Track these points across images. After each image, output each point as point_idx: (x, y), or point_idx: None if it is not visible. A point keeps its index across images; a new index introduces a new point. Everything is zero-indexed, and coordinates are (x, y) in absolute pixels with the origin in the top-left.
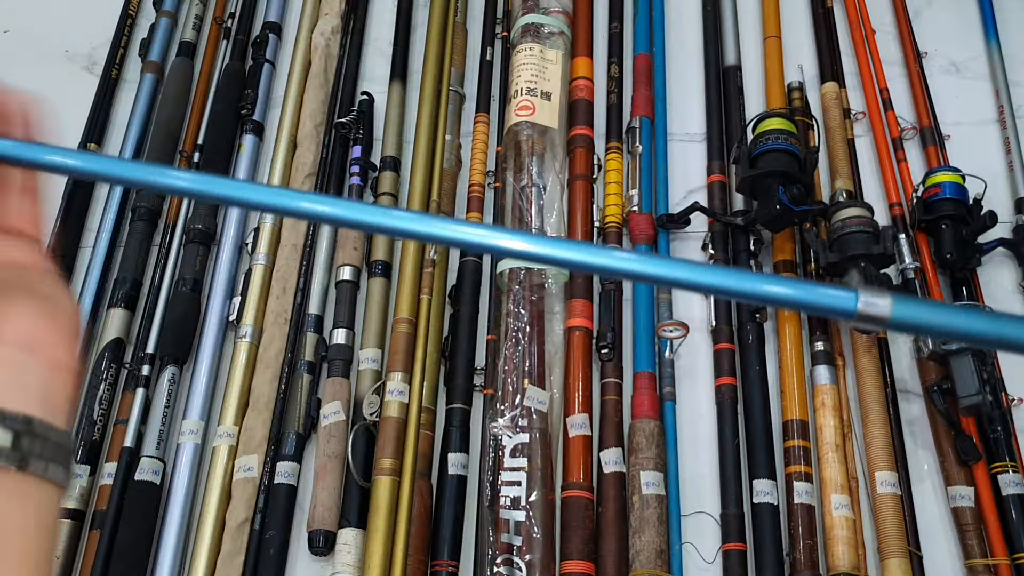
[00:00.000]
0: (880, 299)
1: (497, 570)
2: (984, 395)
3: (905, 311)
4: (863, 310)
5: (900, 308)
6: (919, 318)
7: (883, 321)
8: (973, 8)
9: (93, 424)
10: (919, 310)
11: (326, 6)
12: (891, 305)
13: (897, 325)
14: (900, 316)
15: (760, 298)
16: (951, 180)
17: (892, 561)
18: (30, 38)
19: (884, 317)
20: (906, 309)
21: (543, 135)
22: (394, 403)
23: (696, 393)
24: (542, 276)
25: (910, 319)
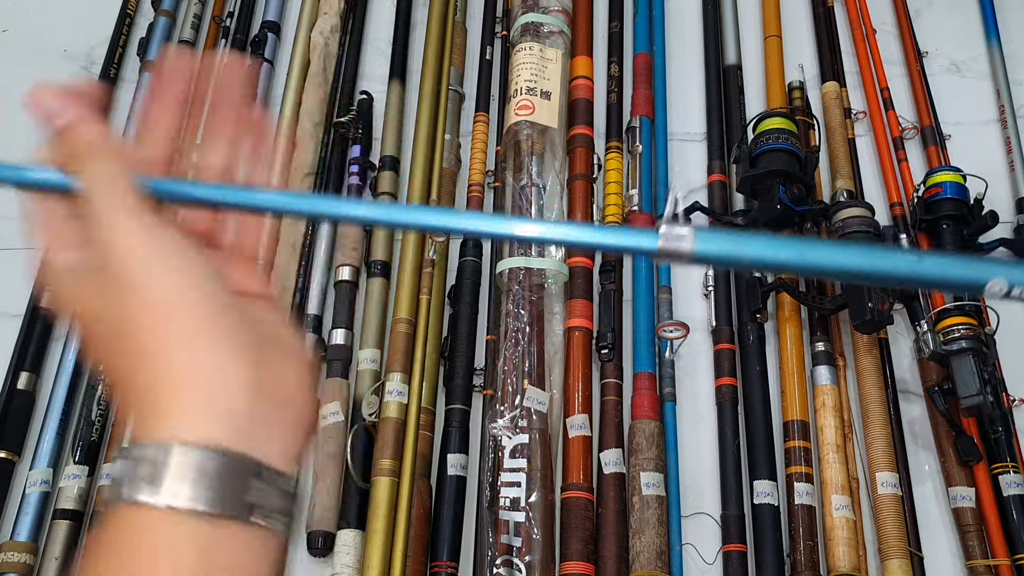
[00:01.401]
0: (682, 231)
1: (497, 571)
2: (985, 395)
3: (707, 244)
4: (664, 246)
5: (703, 241)
6: (721, 250)
7: (686, 256)
8: (974, 8)
9: (92, 424)
10: (721, 242)
11: (325, 5)
12: (693, 237)
13: (700, 259)
14: (703, 250)
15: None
16: (952, 180)
17: (893, 562)
18: (29, 37)
19: (687, 252)
20: (708, 242)
21: (543, 134)
22: (393, 404)
23: (696, 393)
24: (542, 276)
25: (712, 252)
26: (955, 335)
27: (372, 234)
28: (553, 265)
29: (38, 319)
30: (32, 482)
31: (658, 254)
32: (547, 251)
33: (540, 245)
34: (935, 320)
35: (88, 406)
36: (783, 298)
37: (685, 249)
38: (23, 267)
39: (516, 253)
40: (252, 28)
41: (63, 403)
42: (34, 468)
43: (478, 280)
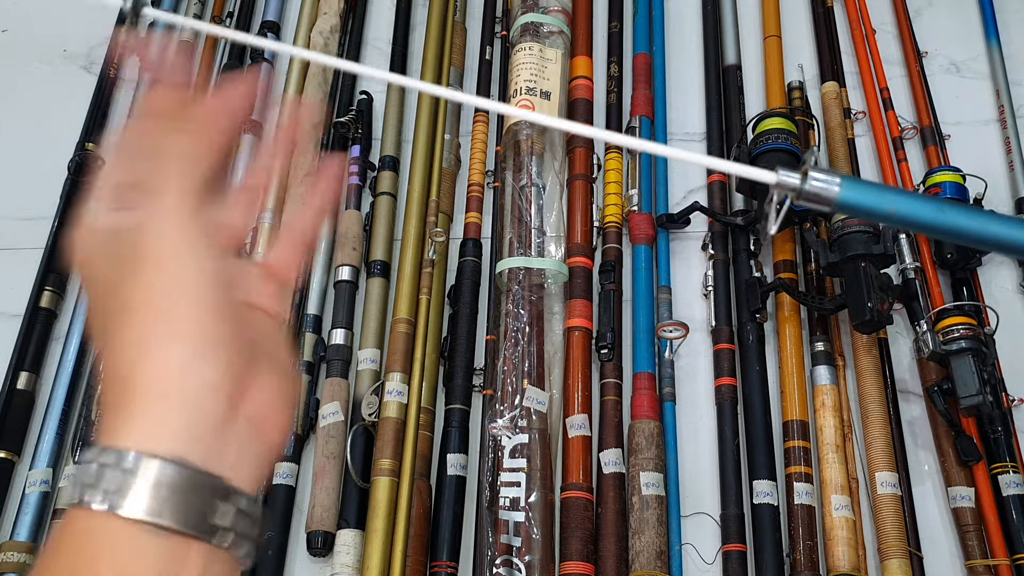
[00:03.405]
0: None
1: (496, 571)
2: (984, 395)
3: (852, 191)
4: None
5: (848, 188)
6: (863, 199)
7: (830, 200)
8: (973, 8)
9: (91, 424)
10: (865, 191)
11: (325, 5)
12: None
13: (841, 205)
14: (846, 196)
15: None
16: (951, 180)
17: (892, 562)
18: (28, 37)
19: (832, 196)
20: (853, 189)
21: (542, 134)
22: (393, 403)
23: (696, 393)
24: (541, 276)
25: (853, 200)
26: (955, 335)
27: (372, 234)
28: (553, 265)
29: (38, 319)
30: (32, 482)
31: (802, 194)
32: (547, 251)
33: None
34: (934, 320)
35: (88, 406)
36: (783, 298)
37: (831, 193)
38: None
39: (516, 253)
40: (252, 28)
41: (63, 403)
42: (34, 468)
43: (478, 280)
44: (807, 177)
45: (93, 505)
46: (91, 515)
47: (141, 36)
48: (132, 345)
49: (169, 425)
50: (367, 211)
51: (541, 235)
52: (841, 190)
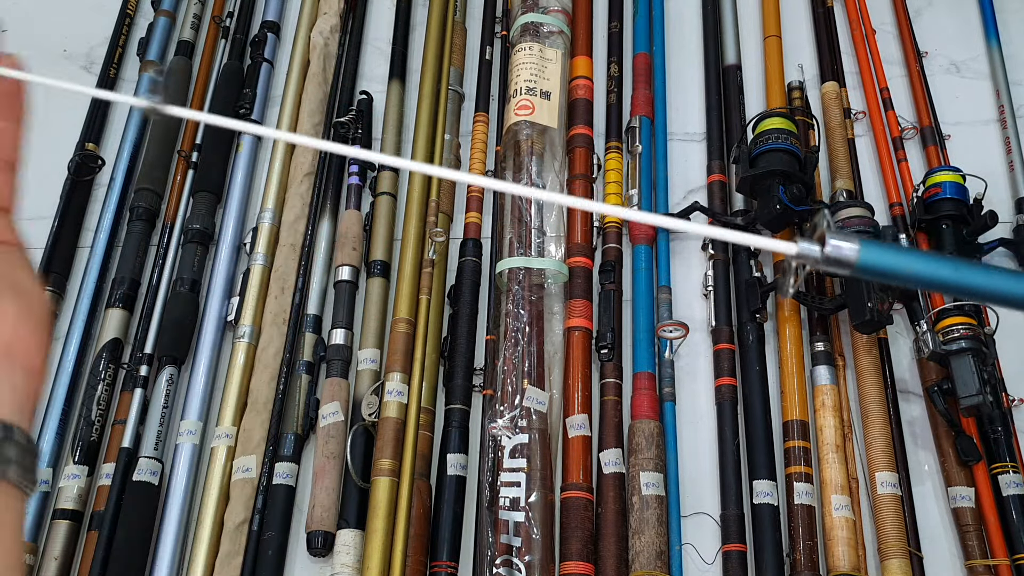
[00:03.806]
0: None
1: (496, 571)
2: (984, 395)
3: (871, 256)
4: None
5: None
6: (883, 262)
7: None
8: (973, 8)
9: (91, 424)
10: (884, 254)
11: (325, 5)
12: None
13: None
14: (866, 260)
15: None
16: (951, 180)
17: (892, 562)
18: (28, 37)
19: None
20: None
21: (542, 134)
22: (393, 403)
23: (696, 393)
24: (541, 276)
25: (875, 263)
26: (955, 335)
27: (372, 234)
28: (553, 265)
29: None
30: None
31: (821, 262)
32: (547, 251)
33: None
34: (935, 320)
35: (88, 406)
36: (782, 298)
37: (851, 257)
38: None
39: (516, 253)
40: (252, 28)
41: (63, 403)
42: None
43: (478, 280)
44: (825, 245)
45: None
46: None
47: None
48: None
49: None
50: (367, 211)
51: (541, 235)
52: (860, 256)
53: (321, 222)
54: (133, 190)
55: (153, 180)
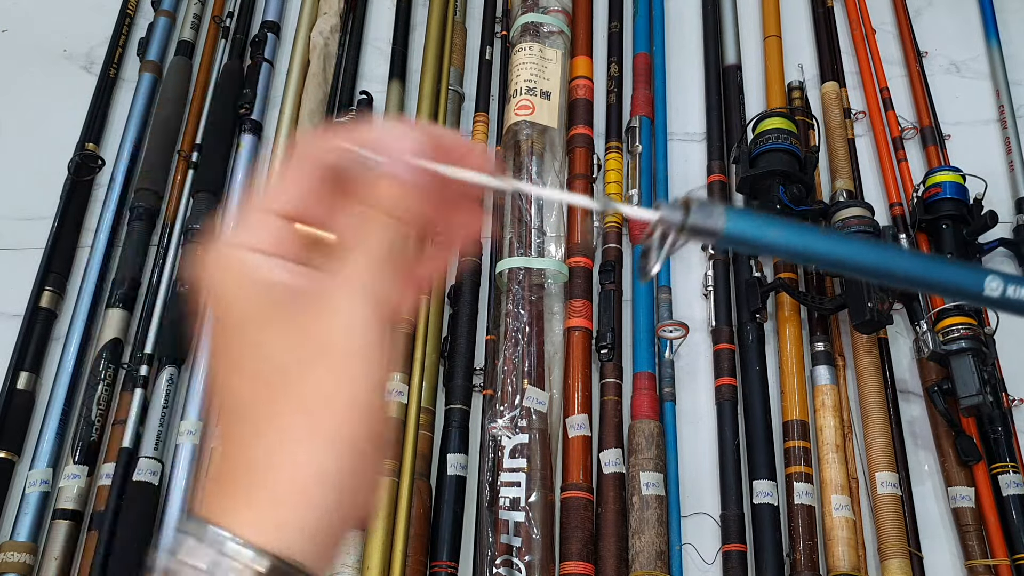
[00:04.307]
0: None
1: (496, 571)
2: (984, 395)
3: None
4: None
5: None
6: (748, 231)
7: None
8: (973, 8)
9: (91, 424)
10: (750, 223)
11: (325, 5)
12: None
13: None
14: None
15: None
16: (951, 180)
17: (892, 562)
18: (28, 37)
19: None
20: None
21: (542, 134)
22: (393, 403)
23: (696, 393)
24: (542, 276)
25: (741, 232)
26: (955, 335)
27: None
28: (553, 265)
29: (38, 319)
30: (32, 482)
31: (686, 228)
32: (547, 251)
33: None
34: (934, 320)
35: (88, 406)
36: (783, 298)
37: (717, 225)
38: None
39: (516, 253)
40: (252, 28)
41: (63, 403)
42: (34, 468)
43: (478, 280)
44: (689, 211)
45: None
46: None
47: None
48: (278, 435)
49: (292, 527)
50: None
51: (541, 235)
52: (727, 221)
53: None
54: (133, 190)
55: (153, 180)
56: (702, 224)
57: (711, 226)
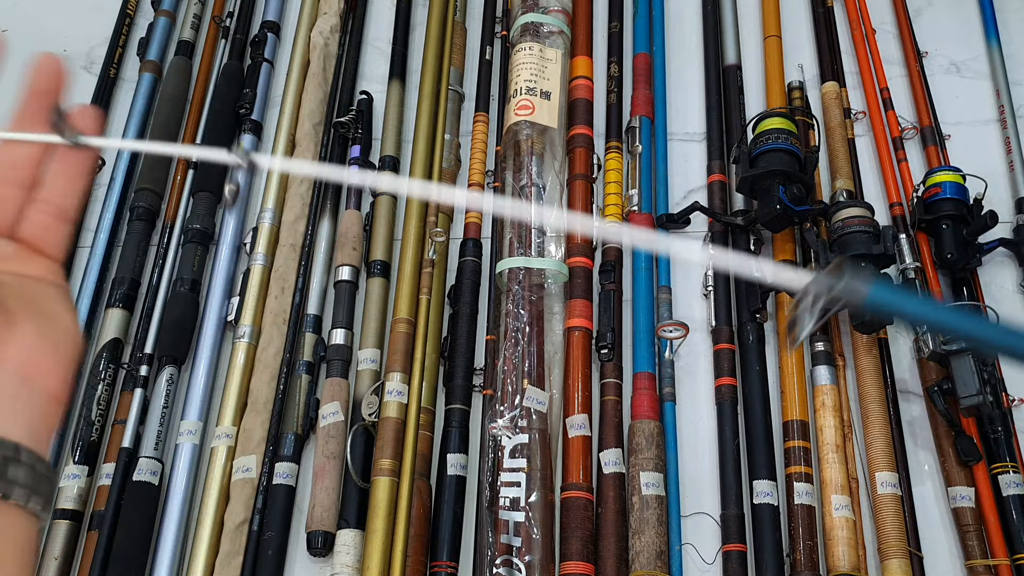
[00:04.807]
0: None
1: (496, 571)
2: (984, 395)
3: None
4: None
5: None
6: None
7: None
8: (973, 8)
9: (91, 424)
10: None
11: (325, 5)
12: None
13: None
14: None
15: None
16: (951, 180)
17: (892, 562)
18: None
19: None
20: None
21: (542, 134)
22: (393, 403)
23: (696, 393)
24: (542, 276)
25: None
26: None
27: (372, 234)
28: (553, 265)
29: None
30: None
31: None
32: (547, 250)
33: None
34: None
35: (88, 406)
36: (783, 298)
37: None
38: None
39: (516, 253)
40: (252, 28)
41: None
42: None
43: (478, 280)
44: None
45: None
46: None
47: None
48: None
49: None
50: (367, 211)
51: (541, 235)
52: (871, 292)
53: (321, 222)
54: (133, 190)
55: (153, 180)
56: (847, 294)
57: (855, 295)
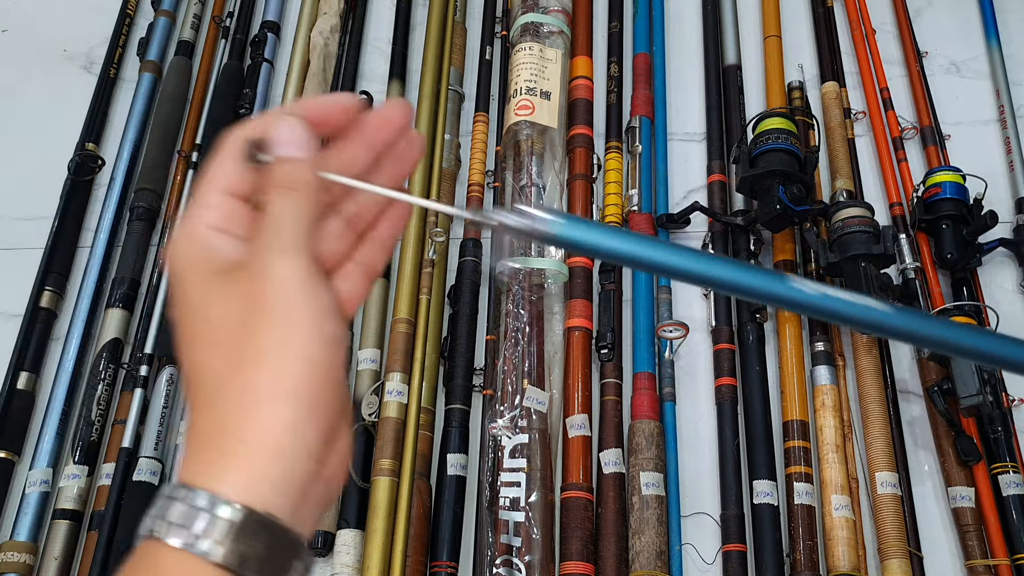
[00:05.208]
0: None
1: (496, 571)
2: (984, 395)
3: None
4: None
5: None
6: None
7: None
8: (973, 8)
9: (91, 424)
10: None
11: (325, 5)
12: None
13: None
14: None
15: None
16: (951, 180)
17: (892, 562)
18: (29, 37)
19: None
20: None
21: (542, 134)
22: (393, 403)
23: (696, 393)
24: (541, 276)
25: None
26: None
27: None
28: (553, 265)
29: (38, 319)
30: (32, 482)
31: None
32: (547, 251)
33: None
34: None
35: (88, 406)
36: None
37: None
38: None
39: (516, 253)
40: (252, 28)
41: (63, 403)
42: (34, 468)
43: (478, 280)
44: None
45: (174, 542)
46: (169, 552)
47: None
48: (240, 394)
49: (266, 480)
50: None
51: None
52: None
53: None
54: (133, 190)
55: (153, 180)
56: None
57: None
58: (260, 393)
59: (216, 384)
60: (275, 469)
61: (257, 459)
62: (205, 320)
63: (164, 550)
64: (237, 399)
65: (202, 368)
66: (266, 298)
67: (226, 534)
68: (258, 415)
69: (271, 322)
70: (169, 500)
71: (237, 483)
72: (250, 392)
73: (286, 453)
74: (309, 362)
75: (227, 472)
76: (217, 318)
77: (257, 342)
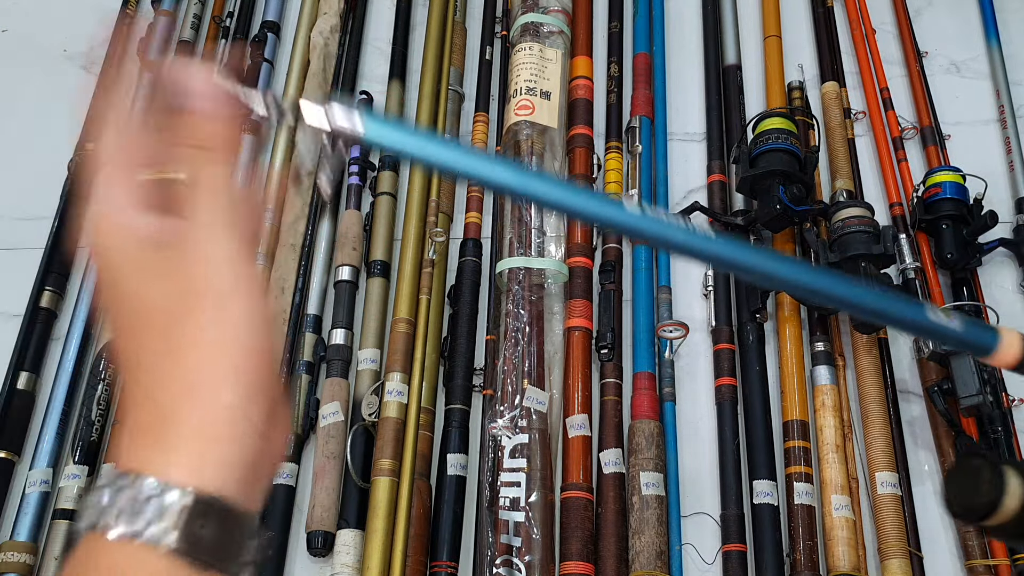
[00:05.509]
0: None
1: (496, 571)
2: (984, 395)
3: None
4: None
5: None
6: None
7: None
8: (973, 8)
9: (91, 424)
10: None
11: (325, 5)
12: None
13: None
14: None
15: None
16: (951, 180)
17: (892, 562)
18: (29, 37)
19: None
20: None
21: (542, 134)
22: (393, 403)
23: (696, 393)
24: (542, 276)
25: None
26: None
27: (372, 234)
28: (553, 265)
29: (38, 319)
30: (32, 482)
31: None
32: (547, 251)
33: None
34: None
35: (88, 406)
36: (783, 298)
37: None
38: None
39: (516, 253)
40: (252, 28)
41: (63, 403)
42: (34, 468)
43: (478, 280)
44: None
45: (122, 532)
46: (117, 545)
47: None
48: (178, 381)
49: (213, 465)
50: (367, 211)
51: (541, 235)
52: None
53: (321, 222)
54: None
55: None
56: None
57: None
58: (200, 378)
59: (154, 370)
60: (220, 454)
61: (202, 444)
62: (136, 302)
63: (111, 543)
64: (176, 385)
65: (137, 351)
66: (197, 279)
67: (177, 519)
68: (200, 401)
69: (205, 304)
70: (112, 490)
71: (184, 468)
72: (187, 377)
73: (232, 439)
74: (247, 343)
75: (172, 459)
76: (151, 301)
77: (192, 324)
